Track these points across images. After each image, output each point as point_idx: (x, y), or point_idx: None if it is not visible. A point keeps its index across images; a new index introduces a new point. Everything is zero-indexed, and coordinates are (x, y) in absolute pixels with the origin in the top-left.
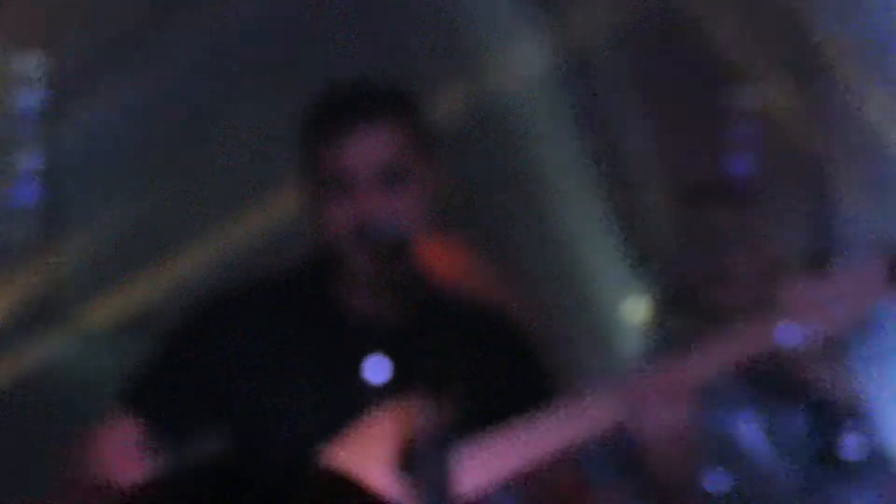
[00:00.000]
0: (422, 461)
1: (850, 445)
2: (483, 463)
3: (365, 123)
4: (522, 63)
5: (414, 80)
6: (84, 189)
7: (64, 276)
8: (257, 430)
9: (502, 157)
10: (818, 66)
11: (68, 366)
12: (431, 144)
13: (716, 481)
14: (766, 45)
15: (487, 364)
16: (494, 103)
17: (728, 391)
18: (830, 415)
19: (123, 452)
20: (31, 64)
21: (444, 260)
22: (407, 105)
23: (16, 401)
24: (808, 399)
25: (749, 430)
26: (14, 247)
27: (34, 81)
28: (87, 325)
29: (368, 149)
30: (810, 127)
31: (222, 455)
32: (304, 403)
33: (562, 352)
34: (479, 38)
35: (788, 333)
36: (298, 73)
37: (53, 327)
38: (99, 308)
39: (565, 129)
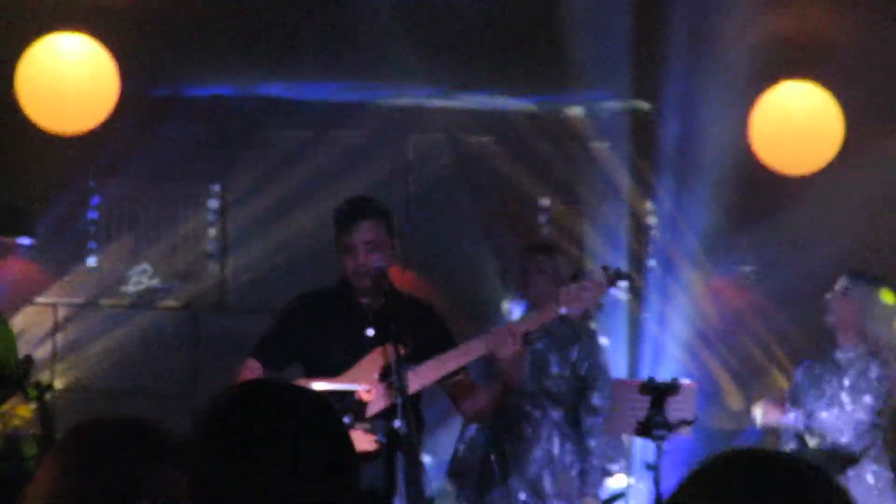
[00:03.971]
0: (392, 374)
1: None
2: (422, 375)
3: (361, 221)
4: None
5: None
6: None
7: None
8: (318, 363)
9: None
10: None
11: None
12: (392, 229)
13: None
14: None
15: (421, 329)
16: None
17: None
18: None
19: (251, 374)
20: (214, 191)
21: (402, 280)
22: (380, 211)
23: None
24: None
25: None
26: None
27: (219, 201)
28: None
29: (363, 234)
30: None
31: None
32: (340, 348)
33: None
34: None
35: (564, 309)
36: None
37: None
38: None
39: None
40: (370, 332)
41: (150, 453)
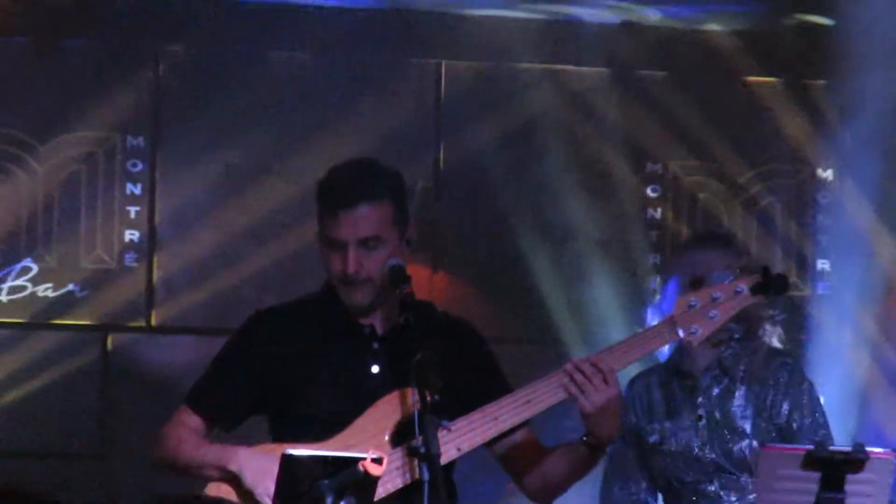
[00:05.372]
0: (415, 435)
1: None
2: (462, 435)
3: (355, 204)
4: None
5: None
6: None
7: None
8: (295, 417)
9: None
10: None
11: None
12: (404, 212)
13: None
14: None
15: (460, 364)
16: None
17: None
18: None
19: (187, 434)
20: (136, 146)
21: (428, 287)
22: (387, 187)
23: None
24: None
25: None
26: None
27: (143, 164)
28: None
29: (356, 225)
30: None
31: None
32: (328, 394)
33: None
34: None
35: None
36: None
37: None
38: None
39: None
40: (375, 367)
41: None
